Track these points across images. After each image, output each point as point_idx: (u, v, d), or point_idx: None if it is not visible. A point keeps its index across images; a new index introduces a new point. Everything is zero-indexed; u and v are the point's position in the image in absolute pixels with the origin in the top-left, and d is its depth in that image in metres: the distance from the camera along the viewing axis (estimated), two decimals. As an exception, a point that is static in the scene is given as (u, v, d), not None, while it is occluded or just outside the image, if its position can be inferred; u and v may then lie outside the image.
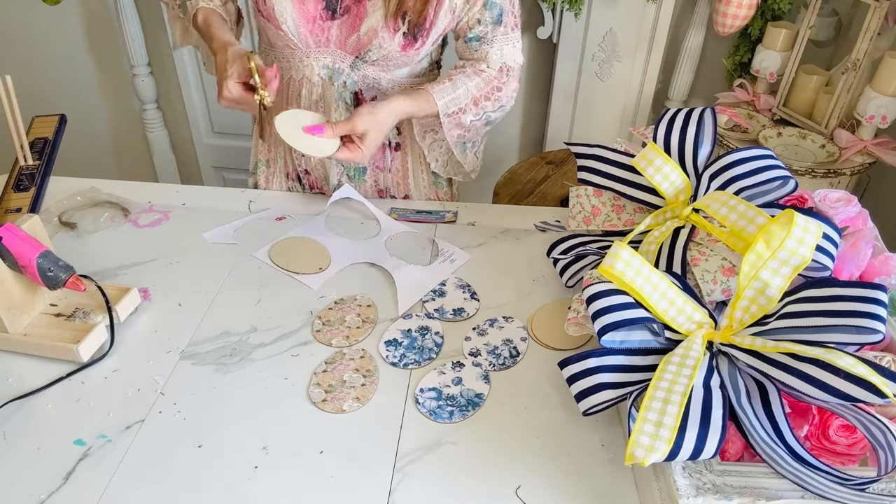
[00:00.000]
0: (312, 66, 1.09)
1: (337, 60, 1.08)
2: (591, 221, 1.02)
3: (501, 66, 1.11)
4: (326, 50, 1.07)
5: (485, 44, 1.09)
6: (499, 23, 1.07)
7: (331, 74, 1.10)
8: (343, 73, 1.09)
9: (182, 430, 0.80)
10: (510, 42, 1.10)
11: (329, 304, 0.98)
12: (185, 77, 2.23)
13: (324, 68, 1.09)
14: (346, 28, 1.04)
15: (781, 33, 1.76)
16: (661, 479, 0.69)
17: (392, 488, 0.74)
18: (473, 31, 1.07)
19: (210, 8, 1.09)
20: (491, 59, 1.10)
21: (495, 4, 1.05)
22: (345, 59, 1.08)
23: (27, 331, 0.89)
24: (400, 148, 1.20)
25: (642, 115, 2.14)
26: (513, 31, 1.09)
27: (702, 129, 0.96)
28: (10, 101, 1.15)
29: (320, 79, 1.10)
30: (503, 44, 1.09)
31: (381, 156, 1.20)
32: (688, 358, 0.71)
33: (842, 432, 0.69)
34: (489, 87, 1.11)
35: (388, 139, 1.19)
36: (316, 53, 1.08)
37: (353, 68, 1.09)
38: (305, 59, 1.09)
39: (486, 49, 1.09)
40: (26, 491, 0.73)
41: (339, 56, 1.08)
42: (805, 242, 0.74)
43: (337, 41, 1.06)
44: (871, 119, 1.59)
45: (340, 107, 1.13)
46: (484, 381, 0.87)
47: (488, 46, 1.09)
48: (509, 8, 1.07)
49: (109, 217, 1.14)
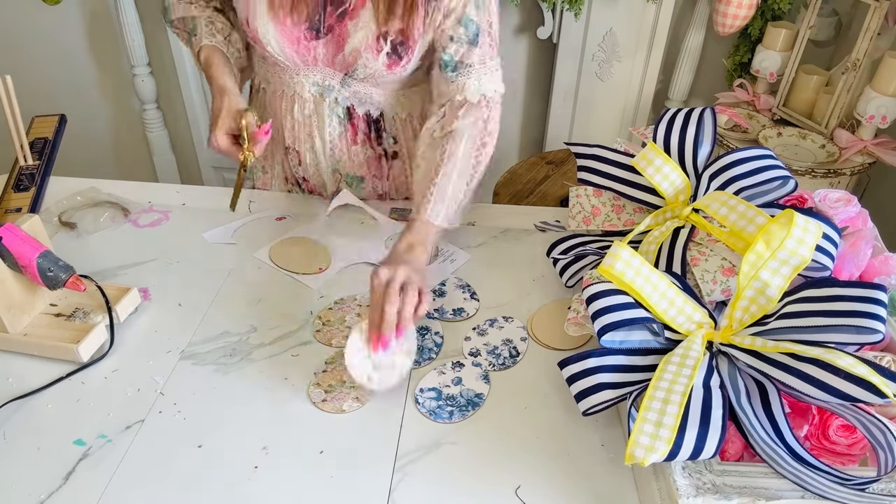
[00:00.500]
0: (303, 83, 1.08)
1: (327, 77, 1.07)
2: (591, 221, 1.02)
3: (480, 99, 1.04)
4: (315, 68, 1.06)
5: (461, 74, 1.03)
6: (474, 44, 1.01)
7: (321, 91, 1.08)
8: (334, 90, 1.08)
9: (182, 430, 0.80)
10: (489, 72, 1.04)
11: (329, 304, 0.98)
12: (185, 77, 2.23)
13: (314, 85, 1.08)
14: (331, 47, 1.03)
15: (781, 33, 1.76)
16: (661, 479, 0.69)
17: (392, 488, 0.74)
18: (448, 51, 1.02)
19: (212, 46, 1.06)
20: (469, 90, 1.03)
21: (471, 21, 1.00)
22: (334, 77, 1.07)
23: (27, 331, 0.89)
24: (397, 156, 1.19)
25: (642, 115, 2.14)
26: (491, 60, 1.04)
27: (702, 129, 0.96)
28: (10, 101, 1.15)
29: (311, 95, 1.09)
30: (481, 74, 1.03)
31: (377, 165, 1.19)
32: (687, 358, 0.71)
33: (842, 432, 0.69)
34: (475, 149, 1.04)
35: (384, 150, 1.17)
36: (305, 71, 1.07)
37: (343, 85, 1.08)
38: (295, 76, 1.07)
39: (464, 81, 1.03)
40: (26, 491, 0.73)
41: (329, 73, 1.06)
42: (805, 242, 0.74)
43: (324, 60, 1.05)
44: (871, 119, 1.59)
45: (334, 121, 1.12)
46: (484, 381, 0.87)
47: (465, 77, 1.03)
48: (486, 28, 1.01)
49: (109, 217, 1.14)
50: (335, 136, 1.13)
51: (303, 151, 1.16)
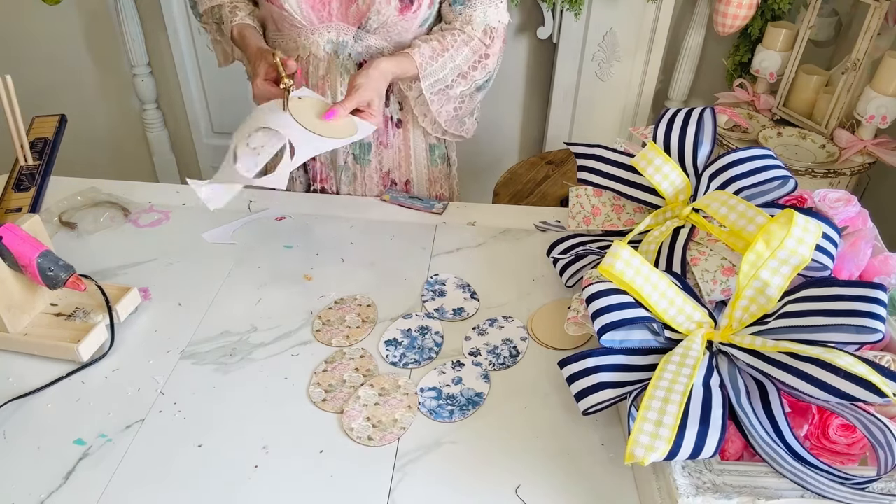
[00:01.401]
0: (318, 42, 1.11)
1: (340, 34, 1.11)
2: (591, 221, 1.02)
3: (485, 28, 1.12)
4: (329, 24, 1.10)
5: (468, 7, 1.11)
6: None
7: (335, 48, 1.12)
8: (347, 46, 1.12)
9: (182, 429, 0.80)
10: (493, 4, 1.11)
11: (329, 304, 0.98)
12: (185, 77, 2.23)
13: (328, 43, 1.11)
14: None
15: (781, 33, 1.76)
16: (661, 478, 0.69)
17: (392, 488, 0.74)
18: None
19: (243, 24, 1.14)
20: (475, 21, 1.11)
21: None
22: (348, 31, 1.10)
23: (27, 330, 0.89)
24: (402, 125, 1.23)
25: (642, 115, 2.14)
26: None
27: (702, 128, 0.96)
28: (10, 100, 1.15)
29: (326, 54, 1.12)
30: (486, 6, 1.11)
31: (384, 131, 1.22)
32: (687, 357, 0.71)
33: (841, 432, 0.69)
34: (476, 56, 1.13)
35: (390, 115, 1.21)
36: (320, 29, 1.10)
37: (356, 40, 1.11)
38: (311, 35, 1.11)
39: (470, 13, 1.11)
40: (26, 490, 0.73)
41: (343, 29, 1.10)
42: (805, 242, 0.74)
43: (338, 13, 1.09)
44: (871, 119, 1.59)
45: (346, 77, 1.14)
46: (484, 381, 0.87)
47: (472, 10, 1.11)
48: None
49: (109, 217, 1.14)
50: None
51: None
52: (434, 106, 1.15)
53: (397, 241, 1.12)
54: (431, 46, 1.09)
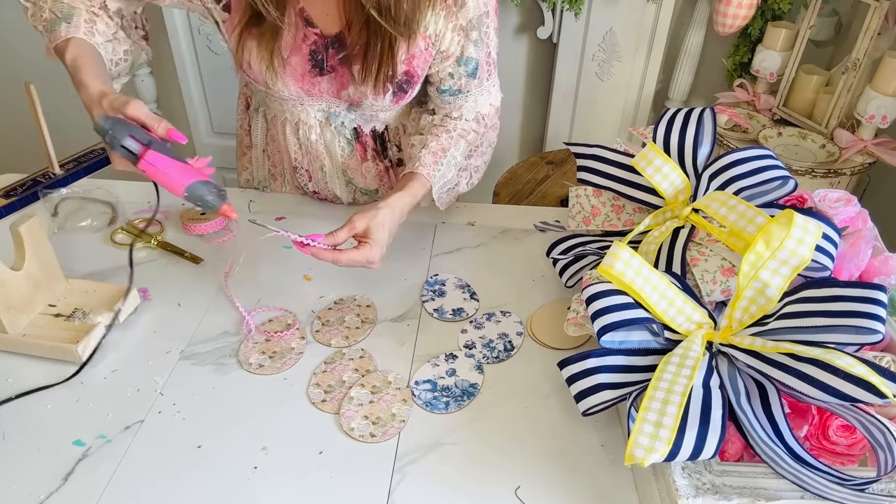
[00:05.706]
0: (308, 111, 1.08)
1: (332, 106, 1.07)
2: (591, 221, 1.02)
3: (476, 116, 1.08)
4: (320, 99, 1.05)
5: (459, 98, 1.06)
6: (473, 76, 1.03)
7: (327, 116, 1.08)
8: (340, 115, 1.08)
9: (181, 430, 0.80)
10: (485, 92, 1.07)
11: (329, 304, 0.98)
12: (185, 77, 2.23)
13: (319, 112, 1.08)
14: (336, 83, 1.02)
15: (781, 33, 1.76)
16: (661, 479, 0.69)
17: (392, 488, 0.74)
18: (446, 83, 1.04)
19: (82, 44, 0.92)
20: (465, 110, 1.07)
21: (470, 59, 1.01)
22: (339, 105, 1.06)
23: (26, 331, 0.89)
24: (402, 163, 1.19)
25: (642, 115, 2.14)
26: (488, 80, 1.06)
27: (701, 129, 0.96)
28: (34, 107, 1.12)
29: (317, 121, 1.09)
30: (477, 95, 1.06)
31: (385, 174, 1.19)
32: (687, 358, 0.71)
33: (841, 432, 0.69)
34: (471, 146, 1.08)
35: (390, 160, 1.18)
36: (310, 101, 1.06)
37: (349, 110, 1.08)
38: (300, 105, 1.07)
39: (461, 103, 1.06)
40: (26, 491, 0.72)
41: (334, 103, 1.06)
42: (805, 242, 0.74)
43: (329, 92, 1.04)
44: (871, 119, 1.59)
45: (342, 143, 1.12)
46: (477, 372, 0.87)
47: (462, 101, 1.06)
48: (485, 59, 1.03)
49: (109, 217, 1.14)
50: (346, 155, 1.14)
51: (313, 170, 1.17)
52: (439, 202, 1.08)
53: (397, 241, 1.12)
54: (431, 151, 1.02)
